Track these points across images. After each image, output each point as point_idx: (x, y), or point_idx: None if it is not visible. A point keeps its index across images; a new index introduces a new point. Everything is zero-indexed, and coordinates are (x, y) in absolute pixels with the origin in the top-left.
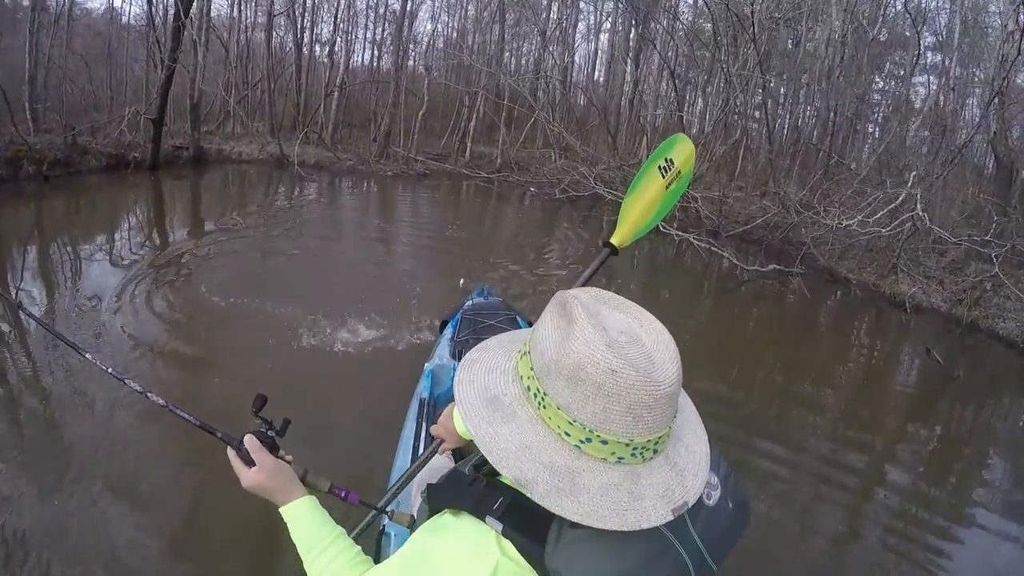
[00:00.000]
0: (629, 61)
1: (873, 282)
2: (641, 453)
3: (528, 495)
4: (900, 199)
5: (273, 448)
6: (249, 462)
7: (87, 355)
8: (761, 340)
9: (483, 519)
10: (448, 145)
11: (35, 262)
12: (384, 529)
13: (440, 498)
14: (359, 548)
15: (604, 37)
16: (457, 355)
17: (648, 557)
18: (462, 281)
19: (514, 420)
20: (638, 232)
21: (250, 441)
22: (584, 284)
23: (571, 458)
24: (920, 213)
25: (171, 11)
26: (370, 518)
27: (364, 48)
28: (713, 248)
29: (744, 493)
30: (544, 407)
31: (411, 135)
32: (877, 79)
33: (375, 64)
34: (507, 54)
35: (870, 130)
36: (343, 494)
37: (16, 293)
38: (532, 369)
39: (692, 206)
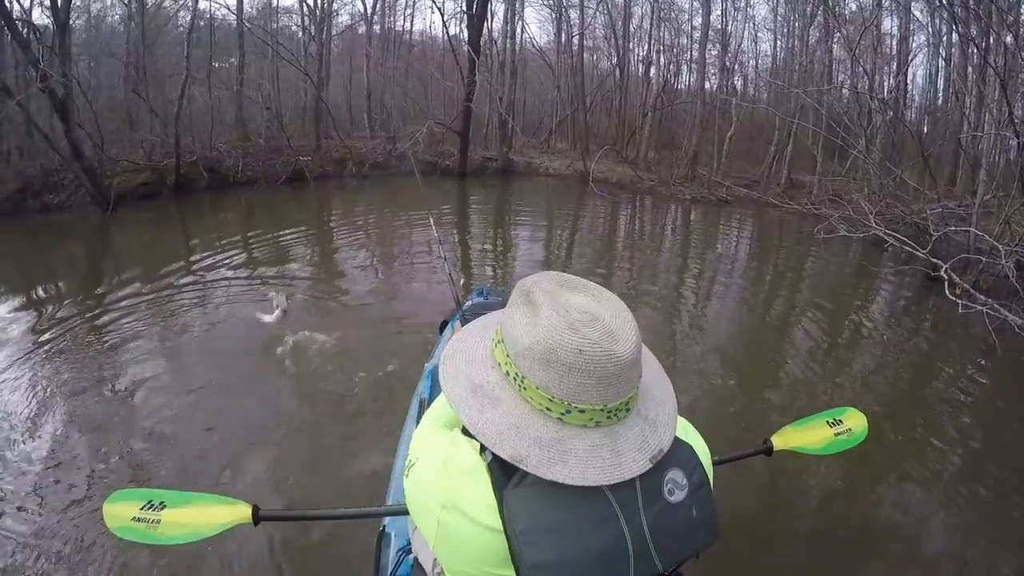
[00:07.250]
0: (972, 83)
1: None
2: (616, 414)
3: (524, 469)
4: None
5: None
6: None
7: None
8: None
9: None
10: (763, 172)
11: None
12: (384, 529)
13: None
14: None
15: (939, 58)
16: None
17: (589, 519)
18: (463, 281)
19: (500, 404)
20: (798, 449)
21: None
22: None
23: (556, 429)
24: None
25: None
26: None
27: (689, 69)
28: None
29: (714, 509)
30: (524, 388)
31: (720, 159)
32: None
33: (693, 85)
34: (839, 75)
35: None
36: None
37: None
38: (508, 356)
39: None
